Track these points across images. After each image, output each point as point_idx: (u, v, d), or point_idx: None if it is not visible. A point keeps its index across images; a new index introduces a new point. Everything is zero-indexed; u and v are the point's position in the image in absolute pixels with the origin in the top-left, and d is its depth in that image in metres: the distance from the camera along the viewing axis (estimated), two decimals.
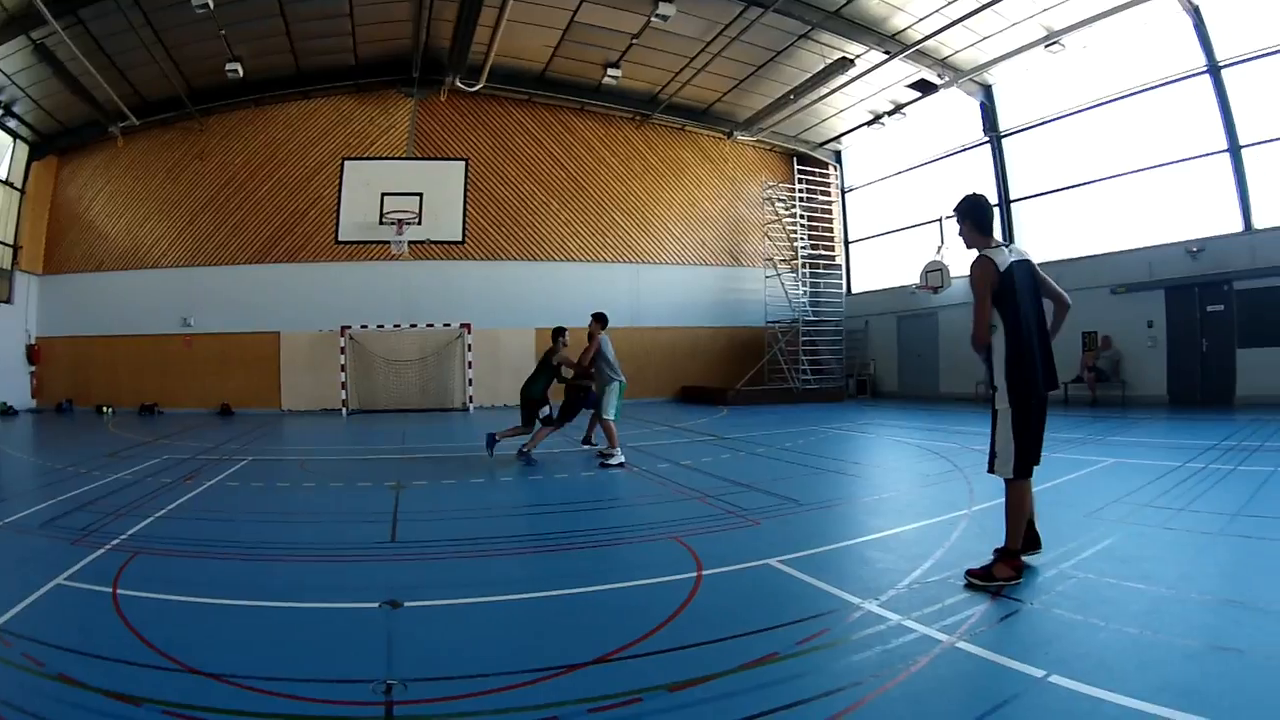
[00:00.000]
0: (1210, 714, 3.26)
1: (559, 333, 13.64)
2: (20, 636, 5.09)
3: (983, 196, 5.60)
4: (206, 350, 25.97)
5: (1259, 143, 17.59)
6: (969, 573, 5.65)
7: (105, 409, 26.54)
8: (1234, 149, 17.99)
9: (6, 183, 26.57)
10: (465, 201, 25.96)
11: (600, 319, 13.51)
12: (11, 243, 26.98)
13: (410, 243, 25.27)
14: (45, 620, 5.54)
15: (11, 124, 26.01)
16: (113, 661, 4.67)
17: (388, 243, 25.16)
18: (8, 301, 27.09)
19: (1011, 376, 5.33)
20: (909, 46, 21.80)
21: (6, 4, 20.13)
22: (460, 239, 25.87)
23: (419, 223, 25.20)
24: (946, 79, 23.42)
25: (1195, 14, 18.15)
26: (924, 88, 24.46)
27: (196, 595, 6.06)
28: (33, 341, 28.11)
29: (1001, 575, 5.32)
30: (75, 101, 25.23)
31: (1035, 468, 5.60)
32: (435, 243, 25.74)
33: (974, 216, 5.61)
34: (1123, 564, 5.63)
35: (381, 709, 3.92)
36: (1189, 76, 18.86)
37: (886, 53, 22.27)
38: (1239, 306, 18.05)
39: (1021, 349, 5.19)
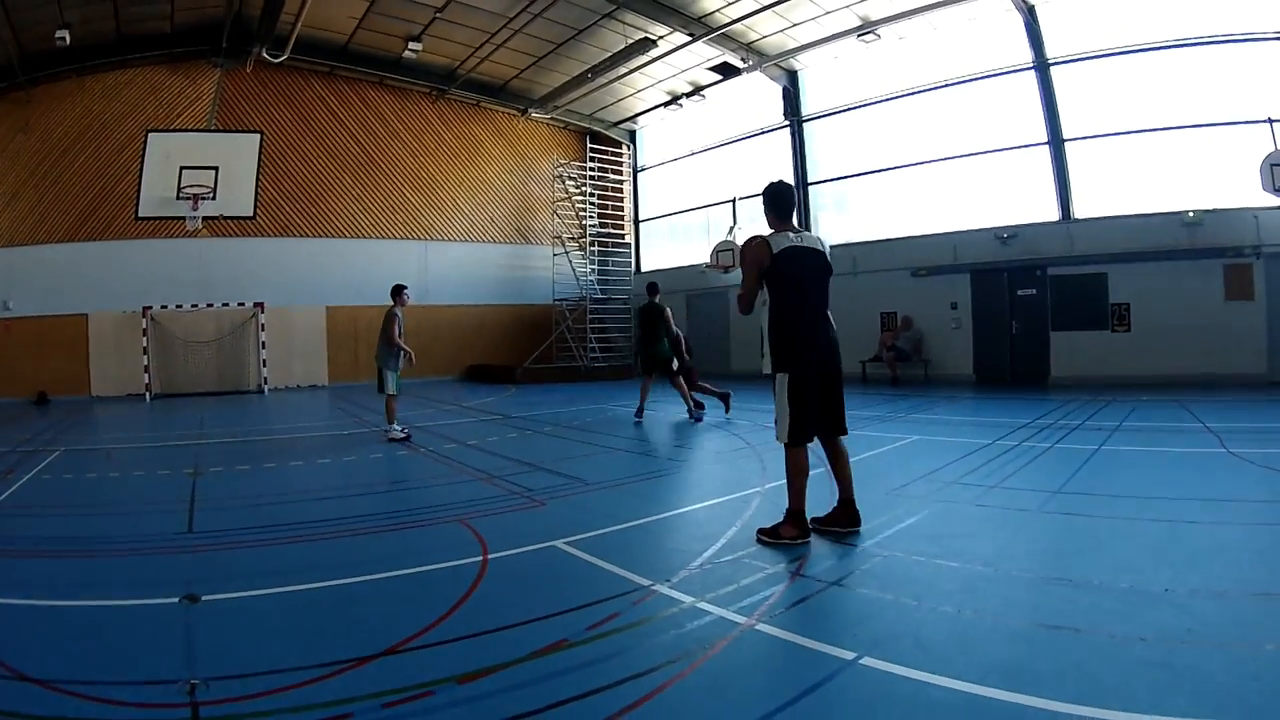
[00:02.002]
0: (1048, 694, 2.75)
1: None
2: None
3: (784, 184, 5.20)
4: (25, 335, 22.29)
5: (1081, 138, 17.14)
6: (759, 531, 5.21)
7: None
8: (1056, 142, 17.23)
9: None
10: (259, 175, 22.94)
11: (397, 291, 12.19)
12: None
13: (204, 218, 22.55)
14: None
15: None
16: None
17: (183, 218, 22.44)
18: None
19: (778, 349, 5.00)
20: (715, 30, 19.75)
21: None
22: (251, 214, 22.87)
23: (214, 197, 22.35)
24: (751, 63, 21.22)
25: (1029, 13, 17.36)
26: (726, 71, 22.23)
27: (19, 597, 5.03)
28: None
29: (787, 534, 4.89)
30: None
31: (821, 437, 5.26)
32: (228, 218, 22.84)
33: (774, 204, 5.25)
34: (932, 541, 4.79)
35: (188, 710, 3.26)
36: (1015, 71, 17.99)
37: (691, 35, 20.11)
38: (1053, 291, 17.27)
39: (789, 326, 4.88)
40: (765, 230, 5.05)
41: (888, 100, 19.83)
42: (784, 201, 5.13)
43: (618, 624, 3.80)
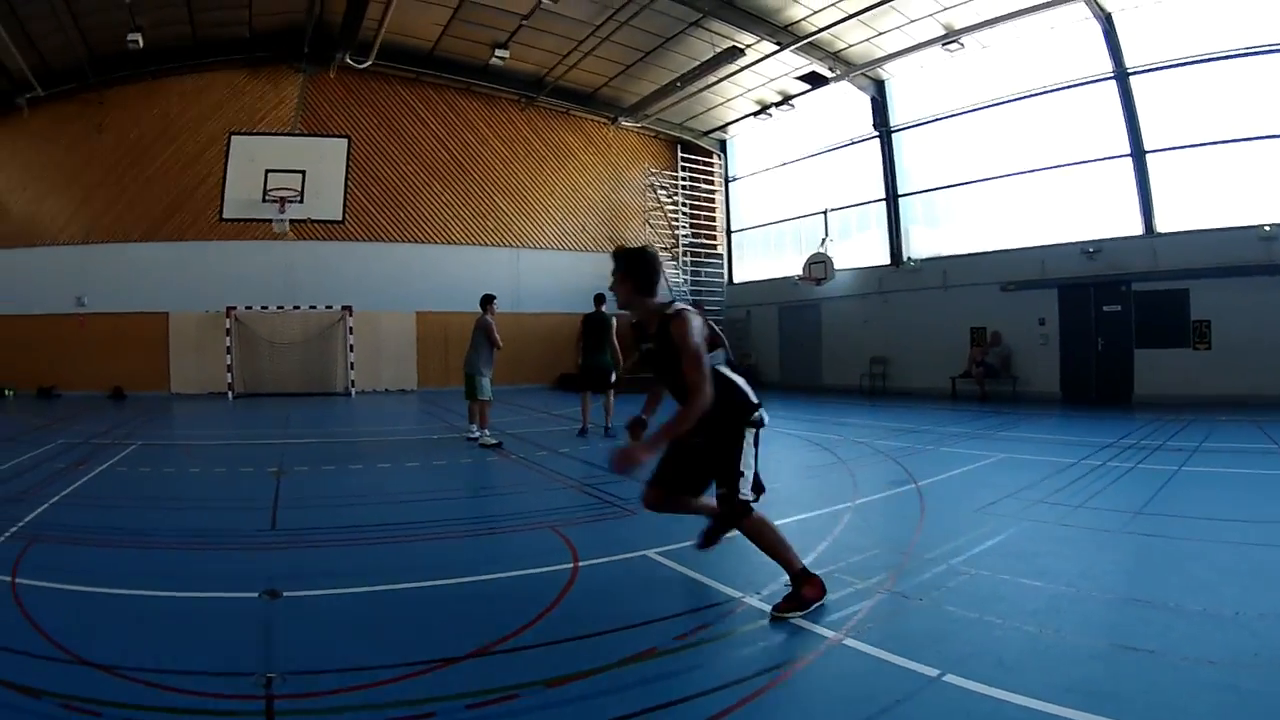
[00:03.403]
0: (1120, 715, 3.01)
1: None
2: None
3: (651, 254, 5.00)
4: (100, 331, 24.19)
5: (1163, 149, 17.84)
6: (774, 610, 4.86)
7: (7, 392, 25.24)
8: (1138, 154, 17.90)
9: None
10: (347, 180, 24.69)
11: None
12: None
13: (291, 221, 24.06)
14: None
15: None
16: (11, 653, 4.27)
17: (270, 221, 23.97)
18: None
19: (739, 404, 4.88)
20: (802, 39, 21.12)
21: None
22: (340, 218, 24.68)
23: (301, 201, 23.93)
24: (839, 73, 22.65)
25: (1106, 21, 18.15)
26: (815, 80, 23.68)
27: (88, 585, 5.50)
28: None
29: (812, 596, 4.68)
30: None
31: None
32: (316, 221, 24.61)
33: (639, 275, 4.95)
34: (1017, 560, 5.20)
35: (262, 703, 3.58)
36: (1095, 81, 18.90)
37: (778, 44, 21.55)
38: (1137, 307, 18.08)
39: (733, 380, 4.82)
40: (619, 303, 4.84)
41: (973, 111, 20.88)
42: (653, 272, 4.80)
43: (707, 635, 4.11)
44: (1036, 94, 19.82)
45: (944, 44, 20.14)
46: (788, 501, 7.88)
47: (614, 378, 13.82)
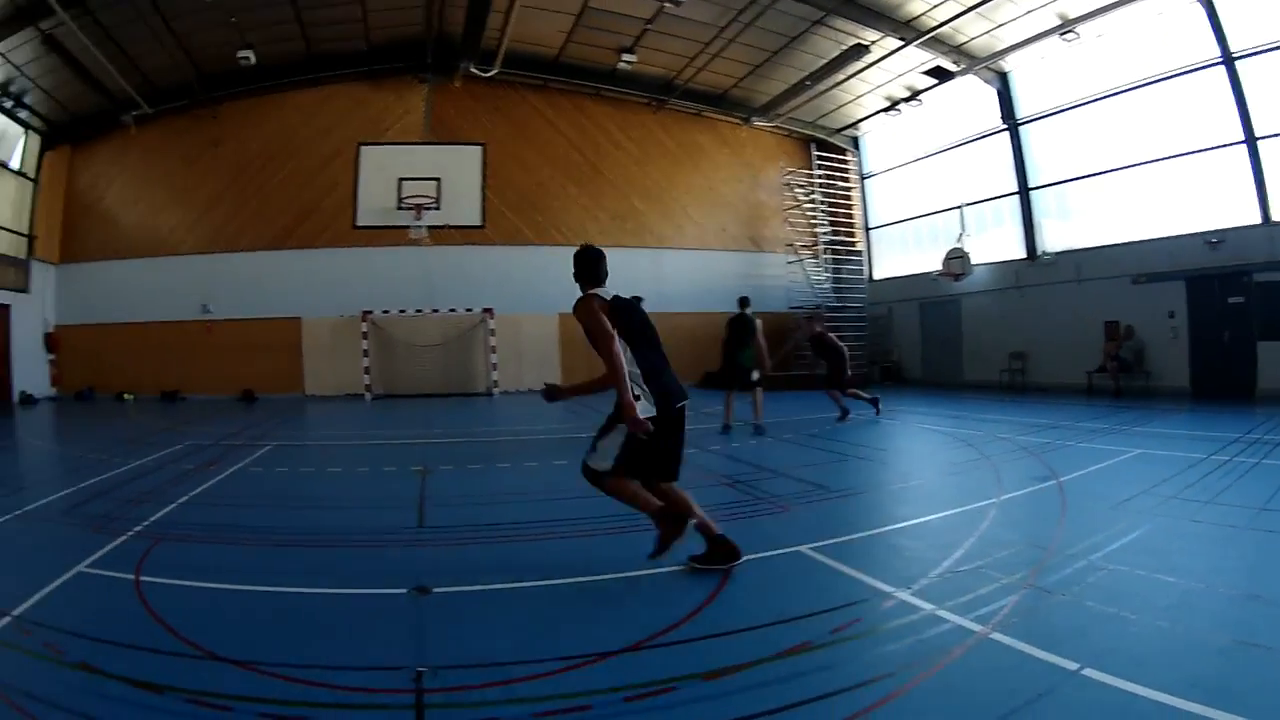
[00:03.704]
0: (1241, 711, 3.55)
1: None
2: (40, 625, 5.47)
3: (590, 250, 6.63)
4: (227, 336, 28.50)
5: (1274, 135, 19.24)
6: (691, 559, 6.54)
7: (127, 396, 29.31)
8: (1250, 140, 19.31)
9: (19, 173, 29.38)
10: (484, 186, 28.60)
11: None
12: (26, 232, 29.72)
13: (429, 227, 27.77)
14: (66, 608, 5.92)
15: (22, 115, 28.72)
16: (135, 649, 4.97)
17: (406, 227, 27.65)
18: (24, 290, 29.68)
19: (653, 388, 6.32)
20: (924, 33, 23.98)
21: None
22: (480, 223, 28.51)
23: (438, 207, 27.66)
24: (963, 66, 25.51)
25: (1208, 5, 19.70)
26: (940, 75, 26.57)
27: (221, 582, 6.45)
28: (51, 329, 30.81)
29: (718, 560, 6.30)
30: (87, 91, 28.01)
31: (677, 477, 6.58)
32: (455, 227, 28.33)
33: (579, 269, 6.65)
34: (1151, 556, 6.02)
35: (412, 696, 4.21)
36: (1203, 67, 20.32)
37: (902, 39, 24.48)
38: (1259, 299, 19.48)
39: (651, 366, 6.27)
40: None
41: (1094, 101, 23.32)
42: (592, 265, 6.47)
43: (860, 629, 4.71)
44: (1151, 82, 21.71)
45: (1061, 34, 22.38)
46: (935, 496, 9.29)
47: (757, 376, 15.58)
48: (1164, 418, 15.96)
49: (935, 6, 22.91)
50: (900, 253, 32.31)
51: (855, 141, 33.43)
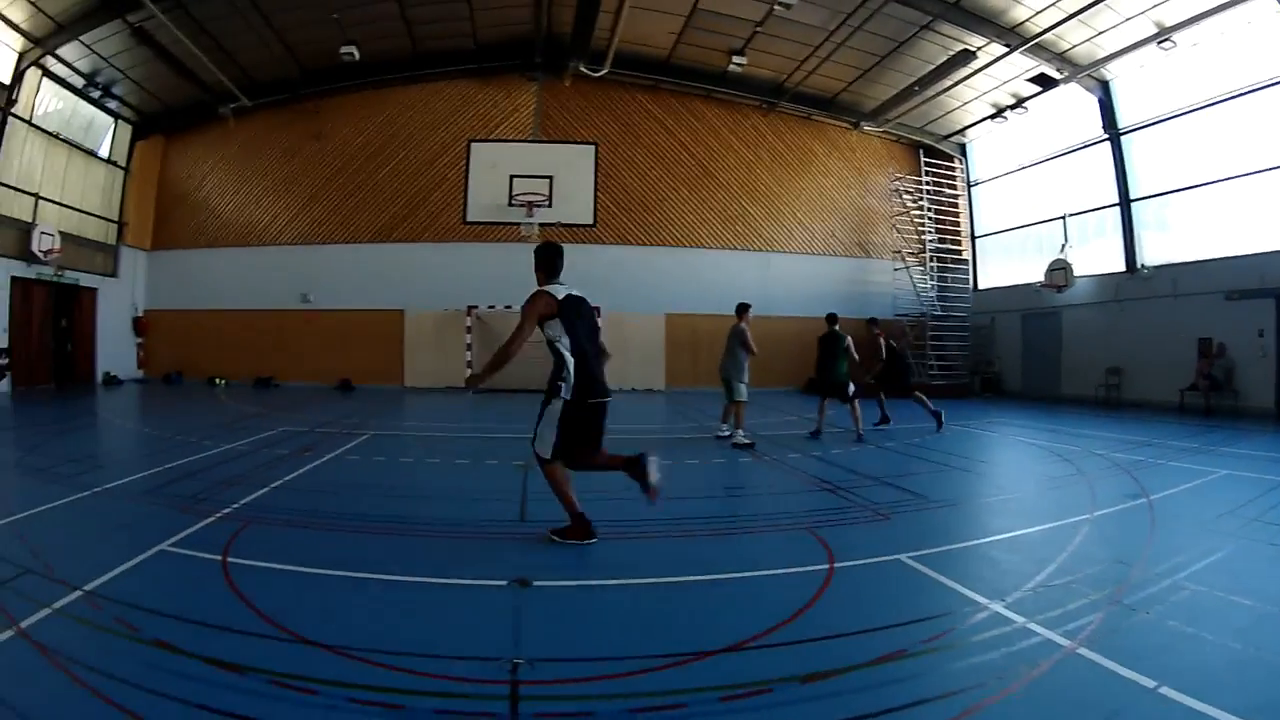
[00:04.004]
0: None
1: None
2: (113, 601, 5.95)
3: (550, 246, 8.33)
4: (326, 326, 32.05)
5: None
6: (551, 531, 8.15)
7: (218, 381, 32.83)
8: None
9: (109, 161, 33.16)
10: (596, 185, 30.44)
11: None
12: (116, 219, 33.42)
13: (540, 225, 29.77)
14: (144, 586, 6.47)
15: (111, 105, 32.32)
16: (218, 629, 5.42)
17: (517, 224, 29.89)
18: (113, 275, 33.31)
19: (579, 378, 7.80)
20: (1028, 40, 26.82)
21: None
22: (591, 222, 30.39)
23: (549, 205, 29.64)
24: (1065, 74, 28.34)
25: None
26: (1044, 82, 29.27)
27: (313, 567, 7.05)
28: (140, 314, 34.55)
29: (574, 537, 7.87)
30: (181, 83, 31.35)
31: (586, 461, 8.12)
32: (565, 225, 30.24)
33: (539, 262, 8.21)
34: (1231, 577, 6.73)
35: (507, 687, 4.59)
36: None
37: (1006, 45, 27.33)
38: None
39: (582, 360, 7.77)
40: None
41: (1190, 112, 25.51)
42: (550, 259, 8.18)
43: (953, 639, 5.48)
44: (1244, 93, 23.49)
45: (1158, 43, 24.50)
46: (1034, 511, 10.24)
47: (852, 389, 17.61)
48: (1250, 439, 17.67)
49: (1038, 13, 25.33)
50: (1004, 262, 35.47)
51: (963, 148, 36.67)
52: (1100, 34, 25.61)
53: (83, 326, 32.19)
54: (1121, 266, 28.24)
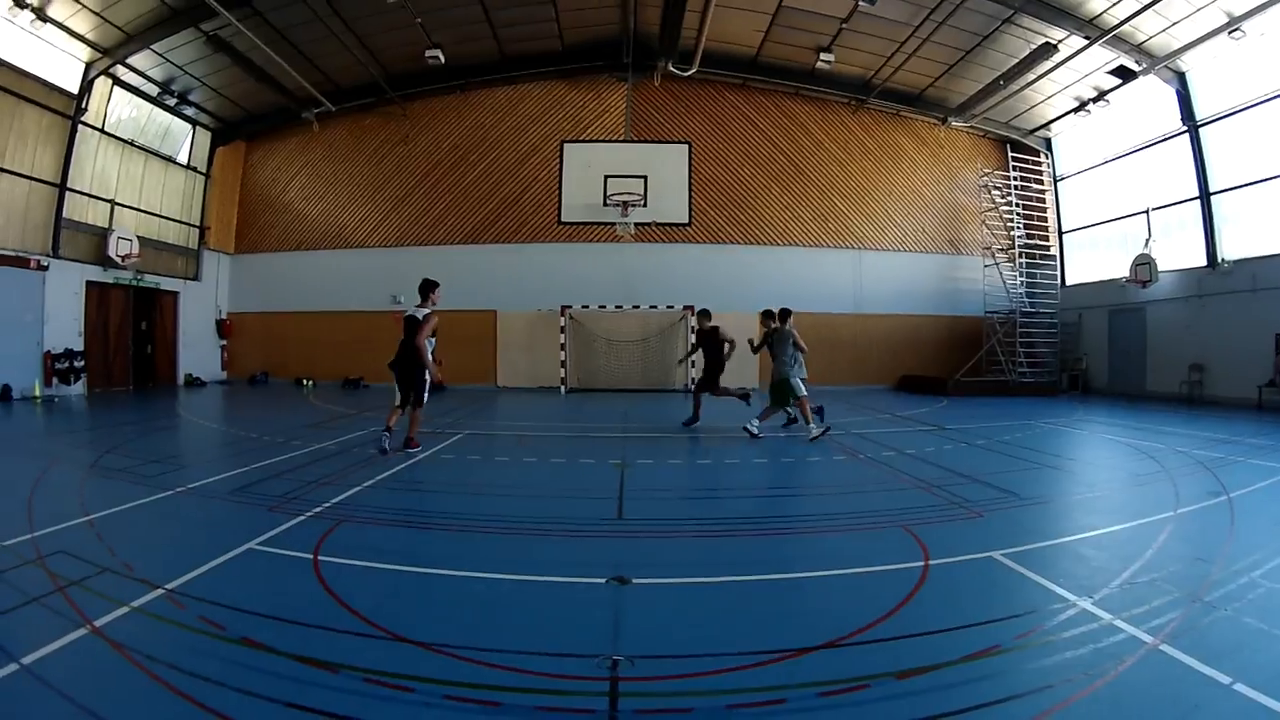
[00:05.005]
0: None
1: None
2: (197, 599, 6.55)
3: (425, 281, 16.40)
4: None
5: None
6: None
7: (305, 381, 37.60)
8: None
9: (189, 167, 38.12)
10: (690, 184, 34.84)
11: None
12: (198, 224, 38.52)
13: (636, 224, 34.18)
14: (230, 584, 7.16)
15: (189, 111, 36.98)
16: (308, 627, 5.94)
17: (612, 224, 34.59)
18: (195, 279, 38.32)
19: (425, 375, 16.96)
20: (1106, 32, 29.23)
21: None
22: (686, 221, 34.98)
23: (644, 204, 34.01)
24: (1144, 65, 31.70)
25: None
26: (1124, 74, 32.87)
27: (408, 565, 7.82)
28: (223, 316, 39.65)
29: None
30: (261, 89, 35.73)
31: None
32: (662, 224, 35.26)
33: (425, 291, 16.47)
34: None
35: (606, 684, 5.19)
36: None
37: (1086, 38, 29.89)
38: None
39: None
40: None
41: (1264, 102, 27.84)
42: (425, 289, 15.89)
43: (1042, 635, 6.30)
44: None
45: (1229, 32, 27.17)
46: (1121, 509, 11.60)
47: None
48: None
49: (1114, 4, 28.10)
50: (1090, 258, 39.20)
51: (1048, 143, 40.82)
52: (1174, 24, 27.87)
53: (164, 329, 36.72)
54: (1203, 261, 30.46)
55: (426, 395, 16.03)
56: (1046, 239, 39.57)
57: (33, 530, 8.95)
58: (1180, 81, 30.92)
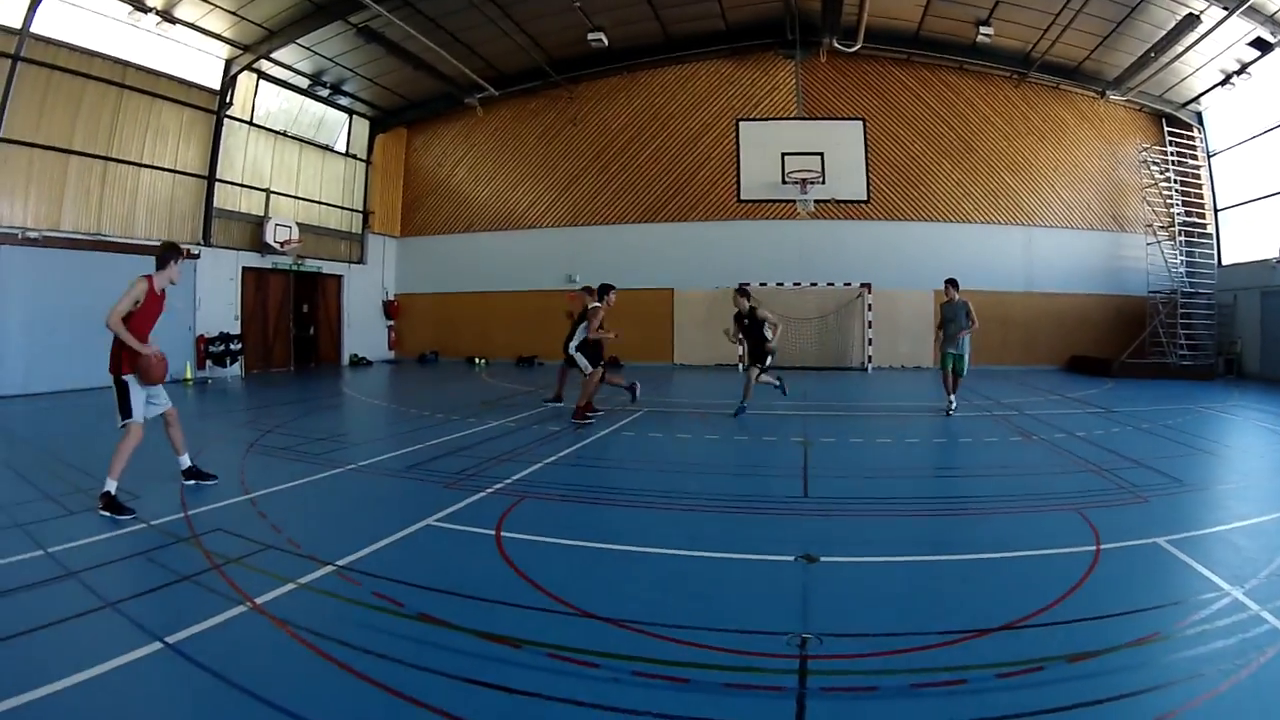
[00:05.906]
0: None
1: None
2: (372, 575, 7.48)
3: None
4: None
5: None
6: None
7: (478, 360, 43.16)
8: None
9: (349, 154, 43.79)
10: (867, 160, 40.32)
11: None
12: (360, 209, 44.31)
13: (815, 201, 39.58)
14: (408, 560, 8.05)
15: (344, 101, 42.57)
16: (490, 603, 6.83)
17: (791, 201, 40.11)
18: (360, 262, 44.18)
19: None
20: (1243, 1, 30.62)
21: None
22: (865, 198, 40.50)
23: (823, 182, 39.74)
24: (1278, 37, 34.90)
25: None
26: (1262, 46, 35.74)
27: (593, 541, 8.76)
28: (390, 298, 45.52)
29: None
30: (419, 76, 40.73)
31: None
32: (841, 201, 40.26)
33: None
34: None
35: (796, 662, 5.92)
36: None
37: (1225, 9, 31.33)
38: None
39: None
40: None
41: None
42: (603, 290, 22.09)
43: (1199, 623, 6.92)
44: None
45: None
46: (1274, 498, 12.40)
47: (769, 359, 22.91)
48: None
49: None
50: (1245, 236, 39.99)
51: (1199, 117, 43.82)
52: None
53: (327, 311, 41.82)
54: None
55: (590, 367, 18.99)
56: (1203, 216, 40.88)
57: (185, 510, 9.94)
58: None
